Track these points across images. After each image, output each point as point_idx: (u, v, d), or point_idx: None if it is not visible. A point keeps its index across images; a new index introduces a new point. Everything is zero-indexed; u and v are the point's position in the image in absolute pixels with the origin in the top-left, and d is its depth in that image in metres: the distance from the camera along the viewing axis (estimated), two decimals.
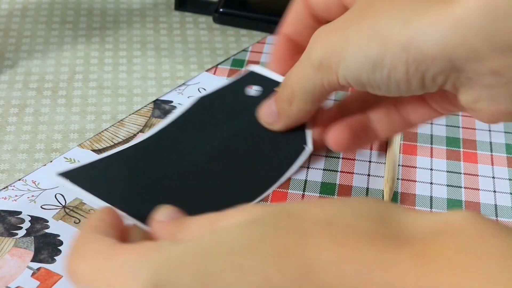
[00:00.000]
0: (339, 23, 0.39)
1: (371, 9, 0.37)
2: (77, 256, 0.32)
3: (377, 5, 0.37)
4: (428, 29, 0.34)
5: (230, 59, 0.56)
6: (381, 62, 0.36)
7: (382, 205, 0.30)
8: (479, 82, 0.35)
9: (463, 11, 0.33)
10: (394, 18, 0.35)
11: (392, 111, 0.43)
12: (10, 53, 0.55)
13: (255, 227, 0.29)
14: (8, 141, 0.47)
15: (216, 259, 0.28)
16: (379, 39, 0.36)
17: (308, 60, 0.40)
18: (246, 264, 0.28)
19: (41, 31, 0.57)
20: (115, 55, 0.55)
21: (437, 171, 0.46)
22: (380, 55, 0.36)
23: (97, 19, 0.59)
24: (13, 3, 0.60)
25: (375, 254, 0.27)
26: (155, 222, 0.35)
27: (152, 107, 0.50)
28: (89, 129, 0.48)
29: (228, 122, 0.47)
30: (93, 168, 0.44)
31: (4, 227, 0.41)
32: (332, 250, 0.27)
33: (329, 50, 0.38)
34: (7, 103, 0.50)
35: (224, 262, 0.28)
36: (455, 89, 0.37)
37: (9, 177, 0.44)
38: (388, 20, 0.36)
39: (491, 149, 0.48)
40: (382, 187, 0.45)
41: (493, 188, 0.45)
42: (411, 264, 0.26)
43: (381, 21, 0.36)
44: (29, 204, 0.43)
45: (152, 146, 0.46)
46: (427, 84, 0.36)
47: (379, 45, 0.36)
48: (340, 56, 0.38)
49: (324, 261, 0.27)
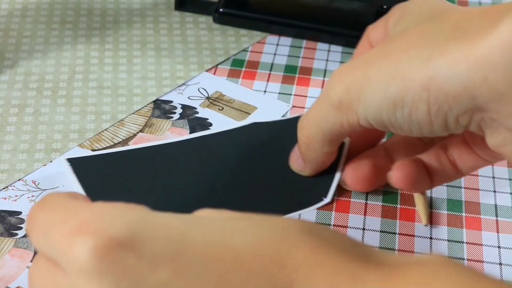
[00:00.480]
0: (359, 62, 0.38)
1: (393, 47, 0.36)
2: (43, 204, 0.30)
3: (398, 43, 0.36)
4: (449, 68, 0.33)
5: (230, 59, 0.55)
6: (401, 101, 0.35)
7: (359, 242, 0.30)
8: (504, 124, 0.34)
9: (486, 49, 0.32)
10: (414, 57, 0.35)
11: (443, 156, 0.42)
12: (10, 53, 0.55)
13: (243, 222, 0.30)
14: (8, 141, 0.47)
15: (198, 232, 0.28)
16: (400, 78, 0.35)
17: (327, 99, 0.39)
18: (227, 242, 0.28)
19: (41, 31, 0.57)
20: (115, 55, 0.55)
21: None
22: (400, 93, 0.35)
23: (97, 19, 0.59)
24: (13, 3, 0.60)
25: (346, 265, 0.28)
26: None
27: (152, 107, 0.50)
28: (89, 129, 0.48)
29: (268, 153, 0.46)
30: (104, 162, 0.45)
31: (4, 227, 0.41)
32: (308, 253, 0.28)
33: (349, 89, 0.37)
34: (7, 103, 0.50)
35: (204, 236, 0.28)
36: (481, 131, 0.36)
37: (9, 177, 0.44)
38: (409, 59, 0.35)
39: None
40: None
41: (493, 188, 0.45)
42: (378, 279, 0.27)
43: (402, 60, 0.35)
44: (29, 204, 0.43)
45: (179, 150, 0.46)
46: (450, 124, 0.35)
47: (399, 83, 0.35)
48: (360, 94, 0.37)
49: (297, 261, 0.28)
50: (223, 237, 0.28)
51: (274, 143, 0.47)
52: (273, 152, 0.46)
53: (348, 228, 0.42)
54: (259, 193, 0.44)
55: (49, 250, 0.29)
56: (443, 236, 0.42)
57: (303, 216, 0.43)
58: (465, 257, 0.41)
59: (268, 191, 0.44)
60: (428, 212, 0.43)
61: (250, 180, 0.44)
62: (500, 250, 0.41)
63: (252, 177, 0.45)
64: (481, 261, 0.41)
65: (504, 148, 0.35)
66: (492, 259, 0.41)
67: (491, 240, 0.42)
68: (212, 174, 0.45)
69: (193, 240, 0.28)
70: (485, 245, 0.42)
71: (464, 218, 0.43)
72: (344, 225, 0.42)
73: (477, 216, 0.43)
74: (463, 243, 0.42)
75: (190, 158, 0.46)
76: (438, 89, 0.34)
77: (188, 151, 0.46)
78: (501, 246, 0.42)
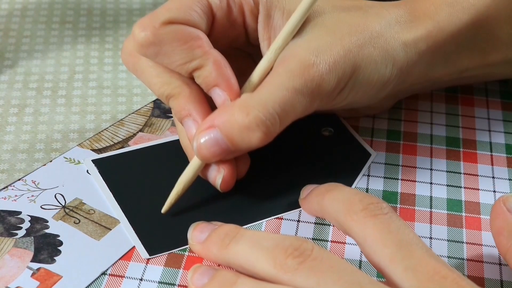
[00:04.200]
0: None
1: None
2: None
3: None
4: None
5: None
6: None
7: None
8: None
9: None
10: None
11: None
12: (10, 53, 0.55)
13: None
14: (8, 141, 0.47)
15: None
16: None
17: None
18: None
19: (41, 31, 0.57)
20: (115, 55, 0.55)
21: (437, 171, 0.46)
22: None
23: (97, 19, 0.59)
24: (13, 3, 0.60)
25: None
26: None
27: (152, 106, 0.50)
28: (89, 129, 0.48)
29: (276, 148, 0.46)
30: (126, 159, 0.45)
31: (4, 227, 0.41)
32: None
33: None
34: (7, 103, 0.50)
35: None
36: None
37: (9, 177, 0.44)
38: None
39: (491, 149, 0.48)
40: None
41: (493, 188, 0.45)
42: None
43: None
44: (29, 204, 0.43)
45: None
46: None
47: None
48: None
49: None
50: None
51: (284, 139, 0.47)
52: (283, 147, 0.46)
53: None
54: (262, 188, 0.44)
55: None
56: (443, 236, 0.42)
57: (303, 216, 0.43)
58: (465, 257, 0.41)
59: (273, 185, 0.44)
60: (173, 202, 0.42)
61: (256, 174, 0.45)
62: None
63: (258, 171, 0.45)
64: (481, 261, 0.41)
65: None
66: (492, 259, 0.41)
67: (491, 240, 0.42)
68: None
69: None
70: (485, 245, 0.42)
71: (464, 218, 0.43)
72: None
73: (477, 216, 0.43)
74: (463, 243, 0.42)
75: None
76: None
77: None
78: None
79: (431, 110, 0.51)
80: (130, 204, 0.42)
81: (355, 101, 0.44)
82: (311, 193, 0.41)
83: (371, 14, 0.44)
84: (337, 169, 0.43)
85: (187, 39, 0.41)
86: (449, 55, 0.46)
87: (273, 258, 0.33)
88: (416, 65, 0.44)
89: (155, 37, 0.40)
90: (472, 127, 0.50)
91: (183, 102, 0.42)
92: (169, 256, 0.40)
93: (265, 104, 0.39)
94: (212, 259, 0.37)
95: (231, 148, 0.40)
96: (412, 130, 0.49)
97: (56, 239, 0.40)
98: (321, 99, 0.41)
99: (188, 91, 0.42)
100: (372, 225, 0.35)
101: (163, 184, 0.43)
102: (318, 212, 0.41)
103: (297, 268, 0.33)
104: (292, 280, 0.32)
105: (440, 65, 0.46)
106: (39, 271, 0.39)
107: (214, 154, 0.40)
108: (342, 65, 0.41)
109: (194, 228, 0.39)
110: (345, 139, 0.48)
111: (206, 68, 0.41)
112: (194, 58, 0.41)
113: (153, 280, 0.38)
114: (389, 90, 0.45)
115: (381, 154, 0.47)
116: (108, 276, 0.39)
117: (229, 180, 0.42)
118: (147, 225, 0.41)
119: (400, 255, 0.33)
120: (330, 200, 0.38)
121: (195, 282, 0.34)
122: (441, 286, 0.32)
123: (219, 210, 0.42)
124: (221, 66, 0.41)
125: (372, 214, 0.35)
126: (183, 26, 0.41)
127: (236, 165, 0.42)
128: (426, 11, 0.45)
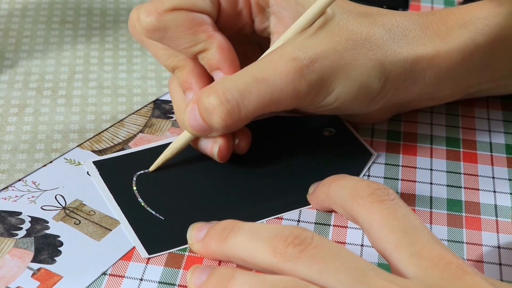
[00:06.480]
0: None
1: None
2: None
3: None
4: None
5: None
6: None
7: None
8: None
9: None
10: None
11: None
12: (10, 53, 0.55)
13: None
14: (8, 141, 0.47)
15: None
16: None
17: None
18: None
19: (41, 31, 0.57)
20: (115, 55, 0.55)
21: (437, 171, 0.46)
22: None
23: (97, 19, 0.59)
24: (13, 3, 0.60)
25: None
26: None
27: (152, 107, 0.50)
28: (89, 129, 0.48)
29: (278, 147, 0.47)
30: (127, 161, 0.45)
31: (4, 228, 0.41)
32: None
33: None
34: (7, 103, 0.50)
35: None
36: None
37: (9, 177, 0.44)
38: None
39: (491, 150, 0.48)
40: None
41: (493, 188, 0.45)
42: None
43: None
44: (29, 204, 0.43)
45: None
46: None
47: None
48: None
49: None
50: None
51: (285, 138, 0.47)
52: (284, 146, 0.47)
53: (348, 228, 0.42)
54: (262, 188, 0.44)
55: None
56: (443, 236, 0.42)
57: (303, 216, 0.43)
58: (465, 257, 0.41)
59: (273, 185, 0.44)
60: (160, 164, 0.45)
61: (256, 174, 0.45)
62: (500, 250, 0.41)
63: (258, 171, 0.45)
64: (481, 261, 0.41)
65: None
66: (492, 260, 0.41)
67: (491, 241, 0.42)
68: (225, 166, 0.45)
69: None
70: (485, 245, 0.42)
71: (464, 218, 0.43)
72: (344, 225, 0.42)
73: (477, 216, 0.43)
74: (463, 243, 0.42)
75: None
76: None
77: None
78: (501, 247, 0.42)
79: (431, 110, 0.51)
80: (130, 205, 0.42)
81: (344, 107, 0.44)
82: (318, 186, 0.41)
83: (377, 24, 0.43)
84: (338, 169, 0.43)
85: (191, 24, 0.42)
86: (457, 76, 0.45)
87: (273, 247, 0.33)
88: (417, 83, 0.44)
89: (160, 23, 0.42)
90: (472, 127, 0.50)
91: (186, 75, 0.44)
92: (169, 256, 0.40)
93: (226, 88, 0.41)
94: (211, 255, 0.37)
95: (204, 126, 0.41)
96: (412, 131, 0.49)
97: (57, 239, 0.40)
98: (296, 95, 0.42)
99: (192, 65, 0.44)
100: (379, 210, 0.35)
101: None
102: (325, 202, 0.41)
103: (298, 256, 0.32)
104: (293, 268, 0.32)
105: (445, 86, 0.46)
106: (39, 271, 0.39)
107: (194, 128, 0.42)
108: (324, 63, 0.41)
109: (193, 228, 0.39)
110: (347, 140, 0.48)
111: (210, 51, 0.42)
112: (198, 42, 0.42)
113: (153, 280, 0.39)
114: (384, 103, 0.45)
115: (381, 154, 0.47)
116: (108, 276, 0.39)
117: (224, 150, 0.43)
118: (147, 225, 0.41)
119: (406, 242, 0.33)
120: (337, 188, 0.38)
121: (194, 281, 0.34)
122: (446, 272, 0.32)
123: (218, 210, 0.42)
124: (224, 50, 0.42)
125: (378, 199, 0.35)
126: (188, 12, 0.42)
127: (233, 139, 0.44)
128: (437, 31, 0.44)
